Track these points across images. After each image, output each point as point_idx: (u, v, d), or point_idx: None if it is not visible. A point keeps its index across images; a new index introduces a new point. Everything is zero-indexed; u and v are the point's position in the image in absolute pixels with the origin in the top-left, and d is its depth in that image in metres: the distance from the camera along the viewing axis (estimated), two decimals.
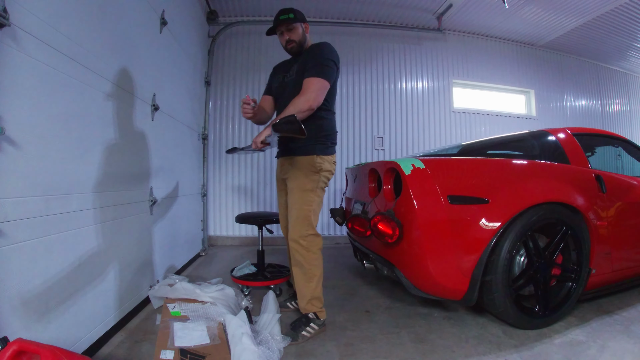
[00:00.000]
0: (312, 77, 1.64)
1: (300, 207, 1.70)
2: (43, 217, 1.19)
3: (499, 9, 4.06)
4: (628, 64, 5.60)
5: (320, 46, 1.75)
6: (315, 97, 1.61)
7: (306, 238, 1.70)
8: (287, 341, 1.56)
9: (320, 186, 1.75)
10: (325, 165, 1.74)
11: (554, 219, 1.72)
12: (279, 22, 1.75)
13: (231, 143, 4.14)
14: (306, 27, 1.83)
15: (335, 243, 4.14)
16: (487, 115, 4.79)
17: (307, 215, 1.70)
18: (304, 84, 1.64)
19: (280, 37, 1.82)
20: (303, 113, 1.59)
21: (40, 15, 1.17)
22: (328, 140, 1.78)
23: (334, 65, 1.71)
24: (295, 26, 1.77)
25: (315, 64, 1.66)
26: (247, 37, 4.23)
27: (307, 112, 1.62)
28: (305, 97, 1.60)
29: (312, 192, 1.72)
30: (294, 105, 1.59)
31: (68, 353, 1.07)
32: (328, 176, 1.78)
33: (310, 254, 1.70)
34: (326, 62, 1.67)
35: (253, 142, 1.60)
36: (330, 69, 1.67)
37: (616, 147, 2.49)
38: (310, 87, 1.62)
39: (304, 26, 1.81)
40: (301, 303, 1.73)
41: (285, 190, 1.90)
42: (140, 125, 2.05)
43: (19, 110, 1.09)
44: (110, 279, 1.67)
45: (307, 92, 1.61)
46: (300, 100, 1.60)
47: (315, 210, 1.74)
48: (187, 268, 3.03)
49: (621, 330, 1.69)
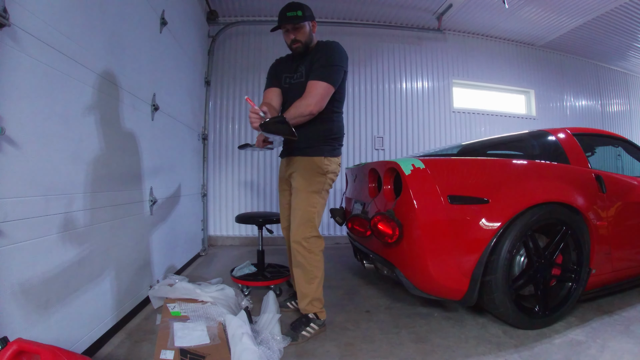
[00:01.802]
0: (317, 81, 1.58)
1: (305, 209, 1.69)
2: (43, 217, 1.19)
3: (499, 9, 4.06)
4: (628, 64, 5.60)
5: (329, 47, 1.66)
6: (317, 102, 1.57)
7: (309, 240, 1.68)
8: (288, 341, 1.56)
9: (326, 188, 1.74)
10: (332, 167, 1.73)
11: (554, 219, 1.72)
12: (286, 19, 1.64)
13: (231, 143, 4.15)
14: (314, 25, 1.73)
15: (335, 243, 4.14)
16: (487, 115, 4.80)
17: (312, 218, 1.69)
18: (308, 86, 1.60)
19: (285, 34, 1.72)
20: (303, 117, 1.57)
21: (40, 15, 1.17)
22: (336, 142, 1.76)
23: (342, 69, 1.64)
24: (303, 25, 1.66)
25: (322, 65, 1.60)
26: (247, 37, 4.23)
27: (308, 117, 1.59)
28: (307, 101, 1.56)
29: (317, 194, 1.70)
30: (295, 108, 1.57)
31: (68, 353, 1.07)
32: (333, 178, 1.77)
33: (312, 256, 1.69)
34: (334, 65, 1.61)
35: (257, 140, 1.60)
36: (337, 73, 1.61)
37: (616, 147, 2.49)
38: (313, 92, 1.57)
39: (311, 25, 1.71)
40: (301, 304, 1.72)
41: (288, 190, 1.88)
42: (140, 125, 2.05)
43: (19, 110, 1.09)
44: (110, 279, 1.67)
45: (309, 96, 1.57)
46: (302, 104, 1.57)
47: (319, 212, 1.73)
48: (187, 268, 3.03)
49: (621, 330, 1.69)
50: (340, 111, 1.77)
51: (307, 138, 1.69)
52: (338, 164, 1.78)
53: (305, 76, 1.69)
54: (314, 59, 1.66)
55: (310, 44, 1.73)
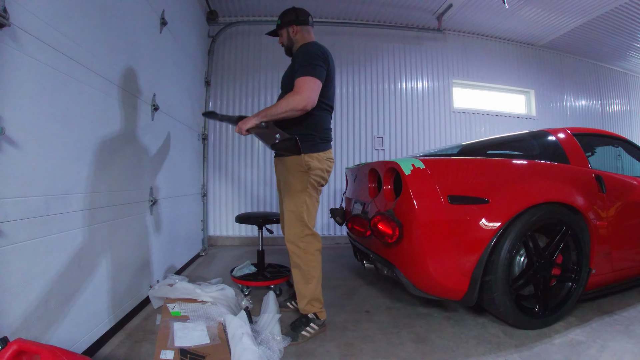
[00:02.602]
0: (304, 76, 1.60)
1: (292, 209, 1.69)
2: (43, 217, 1.19)
3: (499, 9, 4.06)
4: (628, 64, 5.60)
5: (305, 46, 1.71)
6: (309, 96, 1.58)
7: (303, 239, 1.68)
8: (288, 341, 1.56)
9: (312, 185, 1.70)
10: (314, 163, 1.68)
11: (554, 219, 1.72)
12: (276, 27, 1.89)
13: (231, 143, 4.15)
14: (295, 30, 1.84)
15: (335, 243, 4.14)
16: (487, 115, 4.79)
17: (300, 217, 1.68)
18: (297, 83, 1.60)
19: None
20: (296, 112, 1.57)
21: (40, 15, 1.17)
22: (316, 137, 1.71)
23: (322, 63, 1.65)
24: (281, 32, 1.88)
25: (303, 64, 1.63)
26: (247, 37, 4.23)
27: (300, 112, 1.58)
28: (301, 96, 1.56)
29: (302, 193, 1.68)
30: (286, 102, 1.57)
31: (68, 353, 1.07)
32: (320, 174, 1.71)
33: (308, 256, 1.68)
34: (313, 61, 1.63)
35: (237, 127, 1.62)
36: (319, 67, 1.63)
37: (616, 147, 2.49)
38: (304, 86, 1.58)
39: (290, 30, 1.84)
40: (300, 304, 1.72)
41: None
42: (140, 125, 2.05)
43: (19, 110, 1.09)
44: (110, 279, 1.67)
45: (301, 91, 1.57)
46: (295, 99, 1.56)
47: (310, 210, 1.71)
48: (187, 268, 3.02)
49: (621, 330, 1.69)
50: (322, 107, 1.73)
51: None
52: (325, 159, 1.74)
53: (287, 75, 1.77)
54: (295, 60, 1.72)
55: (292, 47, 1.87)
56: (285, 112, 1.57)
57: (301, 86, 1.58)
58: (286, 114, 1.58)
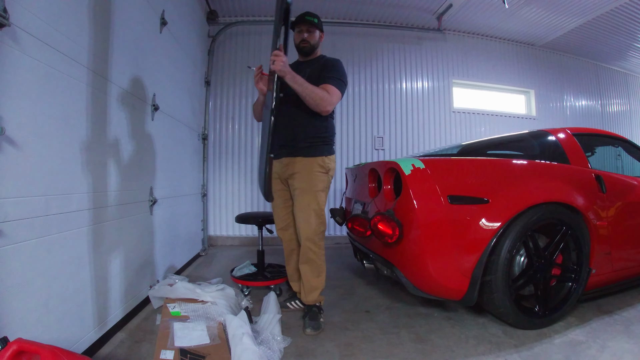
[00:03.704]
0: (336, 88, 1.75)
1: (314, 207, 1.78)
2: (43, 217, 1.19)
3: (499, 9, 4.06)
4: (628, 64, 5.60)
5: (338, 63, 1.86)
6: (333, 105, 1.74)
7: (320, 235, 1.81)
8: (288, 341, 1.56)
9: (328, 185, 1.88)
10: (332, 164, 1.87)
11: (554, 219, 1.72)
12: (304, 21, 1.88)
13: (231, 143, 4.15)
14: (321, 36, 1.97)
15: (335, 243, 4.14)
16: (487, 115, 4.79)
17: (322, 214, 1.81)
18: (330, 89, 1.73)
19: (297, 34, 1.92)
20: (317, 106, 1.70)
21: (40, 15, 1.17)
22: (332, 141, 1.90)
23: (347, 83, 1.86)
24: (315, 31, 1.91)
25: (337, 77, 1.78)
26: (247, 37, 4.23)
27: (316, 108, 1.71)
28: (330, 101, 1.71)
29: (323, 192, 1.83)
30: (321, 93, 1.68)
31: (68, 353, 1.07)
32: (333, 175, 1.90)
33: (321, 251, 1.83)
34: (344, 79, 1.81)
35: (281, 59, 1.56)
36: (345, 87, 1.82)
37: (616, 147, 2.49)
38: (334, 95, 1.73)
39: (320, 34, 1.95)
40: (311, 296, 1.82)
41: (286, 190, 1.92)
42: (140, 125, 2.05)
43: (19, 110, 1.09)
44: (110, 279, 1.67)
45: (332, 97, 1.72)
46: (326, 99, 1.69)
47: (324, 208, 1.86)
48: (187, 268, 3.03)
49: (621, 330, 1.69)
50: (333, 116, 1.92)
51: (308, 139, 1.80)
52: (334, 162, 1.93)
53: (309, 78, 1.75)
54: (324, 68, 1.82)
55: (315, 49, 1.93)
56: (311, 97, 1.67)
57: (333, 93, 1.74)
58: (309, 99, 1.67)
